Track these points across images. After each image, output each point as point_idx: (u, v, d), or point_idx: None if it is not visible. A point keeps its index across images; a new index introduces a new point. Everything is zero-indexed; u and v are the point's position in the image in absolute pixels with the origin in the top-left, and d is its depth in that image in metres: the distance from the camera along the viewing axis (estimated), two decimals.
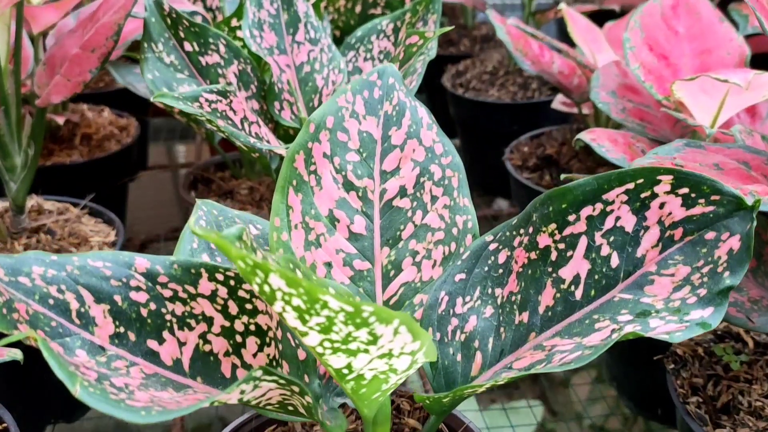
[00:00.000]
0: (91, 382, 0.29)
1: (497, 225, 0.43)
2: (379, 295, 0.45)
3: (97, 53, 0.59)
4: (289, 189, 0.44)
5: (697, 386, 0.54)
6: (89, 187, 0.91)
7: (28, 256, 0.33)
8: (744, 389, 0.52)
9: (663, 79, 0.67)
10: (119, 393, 0.29)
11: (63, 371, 0.28)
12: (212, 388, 0.36)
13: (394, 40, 0.73)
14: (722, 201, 0.36)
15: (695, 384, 0.54)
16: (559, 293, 0.40)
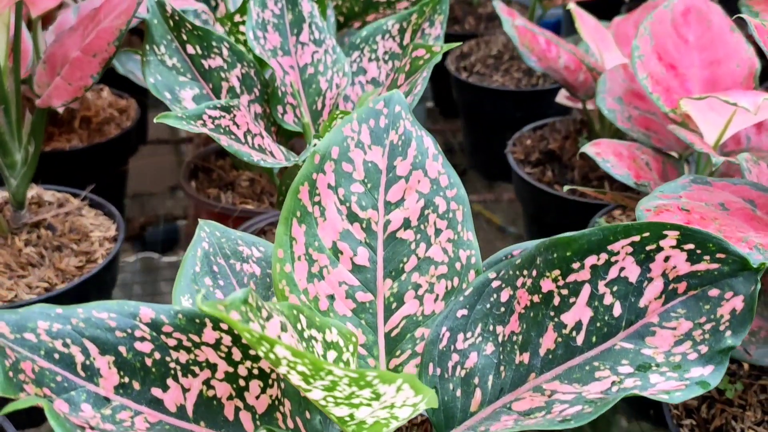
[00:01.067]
0: None
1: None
2: (381, 327, 0.45)
3: (99, 58, 0.58)
4: (293, 220, 0.44)
5: (692, 408, 0.55)
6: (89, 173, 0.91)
7: (33, 311, 0.33)
8: (737, 414, 0.53)
9: (671, 90, 0.67)
10: None
11: None
12: None
13: (400, 40, 0.72)
14: (727, 260, 0.36)
15: (689, 406, 0.55)
16: (561, 337, 0.40)
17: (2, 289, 0.66)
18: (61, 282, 0.68)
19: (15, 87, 0.65)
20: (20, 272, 0.68)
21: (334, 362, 0.40)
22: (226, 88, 0.64)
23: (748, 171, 0.52)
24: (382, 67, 0.72)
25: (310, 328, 0.39)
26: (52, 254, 0.71)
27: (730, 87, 0.67)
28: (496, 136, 1.19)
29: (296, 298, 0.44)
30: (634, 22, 0.88)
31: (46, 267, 0.69)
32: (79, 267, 0.70)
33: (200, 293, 0.31)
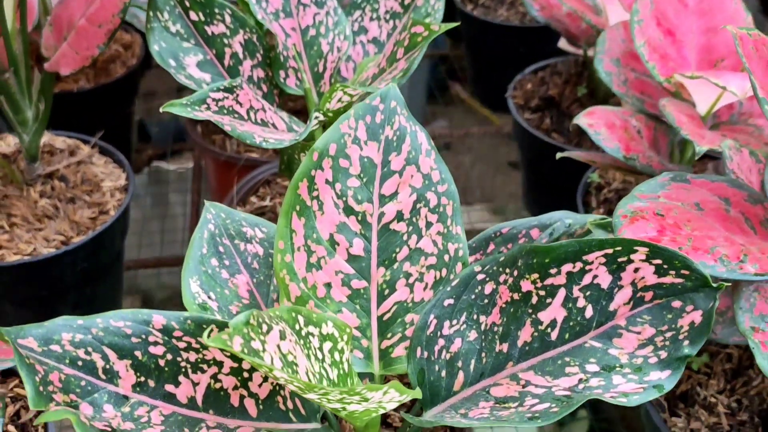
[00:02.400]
0: None
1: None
2: (374, 311, 0.48)
3: (104, 29, 0.59)
4: (293, 214, 0.47)
5: None
6: (97, 115, 0.93)
7: (57, 324, 0.36)
8: (702, 381, 0.58)
9: (667, 57, 0.67)
10: None
11: None
12: (223, 418, 0.41)
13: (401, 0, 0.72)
14: (691, 276, 0.39)
15: None
16: (537, 332, 0.44)
17: (21, 242, 0.70)
18: (76, 234, 0.72)
19: (23, 48, 0.66)
20: (37, 225, 0.72)
21: (330, 351, 0.44)
22: (230, 54, 0.65)
23: (729, 159, 0.54)
24: (383, 27, 0.72)
25: (307, 326, 0.42)
26: (66, 206, 0.74)
27: (725, 56, 0.67)
28: (499, 69, 1.19)
29: (296, 286, 0.47)
30: None
31: (61, 219, 0.73)
32: (92, 218, 0.74)
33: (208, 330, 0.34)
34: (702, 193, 0.48)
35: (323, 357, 0.43)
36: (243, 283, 0.51)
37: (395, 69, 0.60)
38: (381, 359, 0.48)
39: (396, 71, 0.59)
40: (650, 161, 0.64)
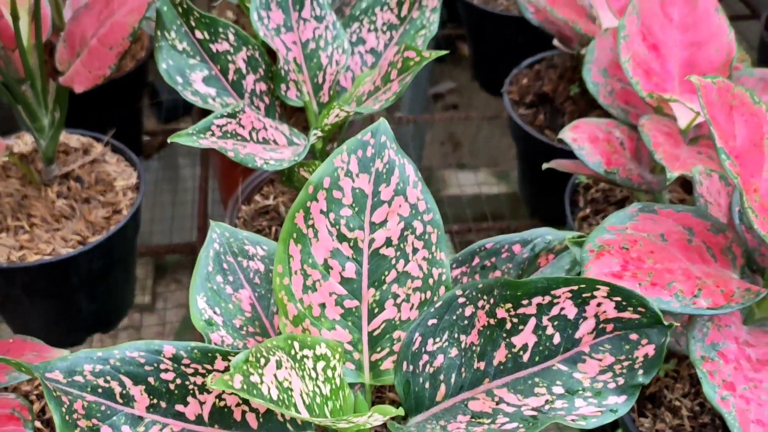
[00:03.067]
0: None
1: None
2: (365, 327, 0.53)
3: (114, 51, 0.63)
4: (290, 241, 0.51)
5: None
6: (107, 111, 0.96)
7: (80, 357, 0.41)
8: (669, 384, 0.62)
9: (651, 72, 0.70)
10: None
11: None
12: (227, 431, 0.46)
13: (398, 12, 0.74)
14: (646, 314, 0.43)
15: None
16: (510, 354, 0.48)
17: (41, 242, 0.74)
18: (91, 234, 0.76)
19: (39, 62, 0.69)
20: (55, 225, 0.76)
21: (323, 369, 0.48)
22: (233, 70, 0.68)
23: (699, 184, 0.58)
24: (381, 38, 0.75)
25: (302, 349, 0.47)
26: (82, 206, 0.78)
27: (706, 71, 0.70)
28: (498, 56, 1.21)
29: (293, 306, 0.52)
30: None
31: (78, 219, 0.77)
32: (106, 218, 0.78)
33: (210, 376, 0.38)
34: (667, 224, 0.51)
35: (317, 375, 0.47)
36: (246, 297, 0.56)
37: (389, 90, 0.63)
38: (371, 370, 0.53)
39: (389, 93, 0.63)
40: (630, 175, 0.67)
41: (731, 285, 0.48)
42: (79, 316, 0.83)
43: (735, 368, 0.45)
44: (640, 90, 0.69)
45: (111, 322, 0.88)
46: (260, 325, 0.55)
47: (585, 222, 0.80)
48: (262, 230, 0.79)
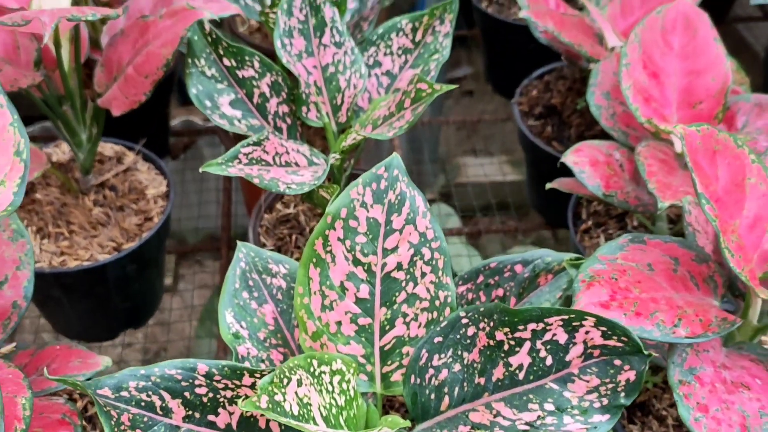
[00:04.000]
0: None
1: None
2: (377, 342, 0.58)
3: (149, 80, 0.67)
4: (310, 265, 0.56)
5: None
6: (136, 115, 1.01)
7: (125, 375, 0.46)
8: (657, 395, 0.67)
9: (650, 99, 0.74)
10: None
11: None
12: None
13: (413, 37, 0.78)
14: (629, 343, 0.48)
15: None
16: (507, 372, 0.53)
17: (80, 248, 0.80)
18: (125, 241, 0.82)
19: (78, 83, 0.74)
20: (92, 232, 0.81)
21: (339, 383, 0.53)
22: (258, 94, 0.73)
23: (688, 213, 0.62)
24: (396, 61, 0.79)
25: (320, 366, 0.52)
26: (117, 214, 0.83)
27: (703, 99, 0.74)
28: (509, 62, 1.25)
29: (312, 323, 0.57)
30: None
31: (113, 226, 0.82)
32: (138, 225, 0.83)
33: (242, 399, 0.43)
34: (655, 254, 0.56)
35: (333, 388, 0.52)
36: (269, 311, 0.61)
37: (402, 118, 0.67)
38: (382, 381, 0.58)
39: (402, 121, 0.67)
40: (627, 197, 0.71)
41: (710, 314, 0.52)
42: (113, 314, 0.89)
43: (710, 391, 0.50)
44: (639, 116, 0.72)
45: (141, 319, 0.94)
46: (282, 337, 0.60)
47: (587, 234, 0.85)
48: (283, 238, 0.84)
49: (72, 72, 0.73)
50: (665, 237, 0.57)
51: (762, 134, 0.76)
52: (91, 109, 0.78)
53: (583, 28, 0.89)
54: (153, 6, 0.74)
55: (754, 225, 0.53)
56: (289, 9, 0.73)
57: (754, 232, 0.53)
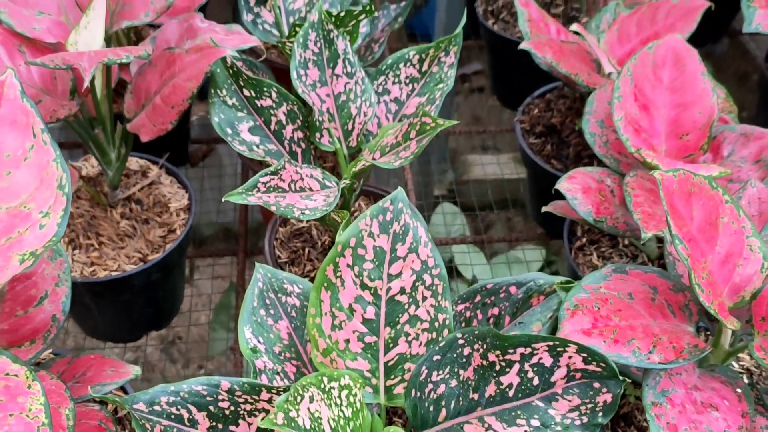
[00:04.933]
0: None
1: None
2: (381, 359, 0.63)
3: (176, 110, 0.72)
4: (322, 289, 0.61)
5: None
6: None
7: (157, 391, 0.52)
8: (639, 407, 0.72)
9: (640, 129, 0.78)
10: None
11: None
12: None
13: (419, 68, 0.83)
14: (606, 368, 0.53)
15: None
16: (499, 389, 0.58)
17: (108, 259, 0.85)
18: (150, 252, 0.87)
19: (109, 109, 0.80)
20: (120, 243, 0.87)
21: (346, 396, 0.58)
22: (275, 121, 0.78)
23: (669, 242, 0.66)
24: (404, 89, 0.84)
25: (330, 382, 0.57)
26: (142, 227, 0.89)
27: (689, 131, 0.78)
28: (514, 77, 1.29)
29: (323, 341, 0.62)
30: (637, 20, 0.96)
31: (138, 238, 0.88)
32: (162, 237, 0.89)
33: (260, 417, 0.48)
34: (635, 284, 0.60)
35: (341, 402, 0.58)
36: (284, 327, 0.66)
37: (408, 148, 0.72)
38: (386, 393, 0.63)
39: (408, 152, 0.72)
40: (616, 223, 0.76)
41: (683, 341, 0.57)
42: (137, 318, 0.94)
43: (680, 411, 0.55)
44: (629, 146, 0.77)
45: (163, 322, 1.00)
46: (295, 351, 0.66)
47: (581, 251, 0.89)
48: (296, 251, 0.89)
49: (104, 98, 0.78)
50: (645, 267, 0.61)
51: (746, 163, 0.81)
52: (120, 131, 0.83)
53: (581, 56, 0.93)
54: (179, 37, 0.78)
55: (726, 260, 0.58)
56: (304, 42, 0.78)
57: (725, 266, 0.58)
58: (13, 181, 0.56)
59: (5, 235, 0.55)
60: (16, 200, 0.56)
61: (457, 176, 1.86)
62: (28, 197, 0.56)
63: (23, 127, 0.57)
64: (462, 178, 1.83)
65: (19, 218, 0.56)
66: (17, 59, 0.70)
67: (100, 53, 0.60)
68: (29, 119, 0.57)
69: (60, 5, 0.73)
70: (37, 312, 0.65)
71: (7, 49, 0.70)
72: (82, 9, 0.73)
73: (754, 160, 0.80)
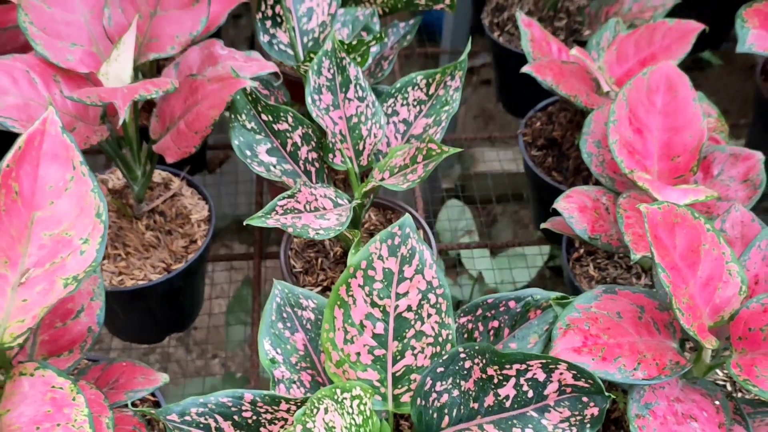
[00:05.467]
0: None
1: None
2: (389, 369, 0.68)
3: (199, 135, 0.77)
4: (335, 306, 0.66)
5: None
6: None
7: (188, 403, 0.57)
8: None
9: (634, 151, 0.83)
10: None
11: None
12: None
13: (426, 91, 0.88)
14: (594, 384, 0.58)
15: None
16: (496, 400, 0.63)
17: (134, 268, 0.91)
18: (173, 262, 0.92)
19: (135, 129, 0.85)
20: (145, 254, 0.92)
21: (357, 406, 0.64)
22: (291, 143, 0.83)
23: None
24: (411, 111, 0.89)
25: (343, 393, 0.62)
26: (166, 237, 0.94)
27: (680, 154, 0.82)
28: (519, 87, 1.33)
29: (336, 354, 0.67)
30: (634, 41, 1.00)
31: (162, 248, 0.93)
32: (184, 247, 0.94)
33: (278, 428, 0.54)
34: (624, 303, 0.65)
35: (353, 410, 0.63)
36: (300, 339, 0.71)
37: (414, 172, 0.77)
38: (393, 401, 0.69)
39: (414, 175, 0.77)
40: (610, 240, 0.80)
41: (666, 357, 0.62)
42: (161, 322, 1.00)
43: (661, 423, 0.60)
44: (623, 168, 0.82)
45: (185, 324, 1.05)
46: (310, 361, 0.71)
47: (578, 263, 0.94)
48: (310, 261, 0.94)
49: (131, 121, 0.83)
50: (634, 288, 0.66)
51: (734, 182, 0.85)
52: (146, 150, 0.88)
53: (581, 75, 0.98)
54: (200, 64, 0.83)
55: (707, 284, 0.63)
56: (318, 69, 0.82)
57: (707, 289, 0.63)
58: (55, 210, 0.62)
59: (50, 259, 0.60)
60: (59, 227, 0.62)
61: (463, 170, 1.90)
62: (69, 225, 0.62)
63: (64, 160, 0.62)
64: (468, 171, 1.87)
65: (62, 244, 0.61)
66: (53, 88, 0.75)
67: (133, 90, 0.65)
68: (69, 153, 0.62)
69: (90, 37, 0.78)
70: (75, 324, 0.70)
71: (43, 79, 0.75)
72: (111, 40, 0.78)
73: (741, 180, 0.84)
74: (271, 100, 0.96)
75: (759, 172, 0.84)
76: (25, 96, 0.72)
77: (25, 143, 0.61)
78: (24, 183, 0.61)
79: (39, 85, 0.74)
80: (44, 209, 0.62)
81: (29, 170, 0.61)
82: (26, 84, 0.73)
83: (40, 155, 0.62)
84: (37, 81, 0.75)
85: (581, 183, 1.05)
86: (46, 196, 0.62)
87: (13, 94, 0.71)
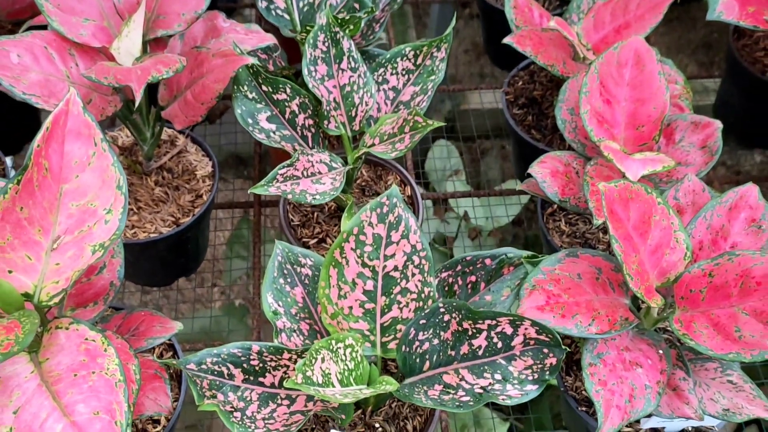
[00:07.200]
0: (237, 423, 0.64)
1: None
2: (378, 321, 0.76)
3: (204, 106, 0.83)
4: (330, 266, 0.74)
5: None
6: None
7: (204, 354, 0.65)
8: None
9: (603, 120, 0.89)
10: (251, 425, 0.64)
11: (228, 423, 0.63)
12: (291, 391, 0.71)
13: (414, 61, 0.93)
14: (553, 339, 0.66)
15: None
16: (471, 349, 0.72)
17: (146, 222, 0.98)
18: (182, 215, 0.99)
19: (145, 98, 0.90)
20: (155, 208, 0.99)
21: (350, 353, 0.72)
22: (289, 111, 0.89)
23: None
24: (400, 79, 0.94)
25: (337, 343, 0.70)
26: (174, 193, 1.01)
27: (645, 123, 0.89)
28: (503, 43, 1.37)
29: (331, 307, 0.75)
30: (611, 9, 1.04)
31: (171, 203, 1.00)
32: (191, 202, 1.01)
33: (286, 379, 0.62)
34: (584, 265, 0.73)
35: (346, 357, 0.71)
36: (299, 293, 0.79)
37: (402, 141, 0.83)
38: (381, 348, 0.77)
39: (402, 145, 0.83)
40: (578, 202, 0.88)
41: (618, 314, 0.70)
42: (170, 268, 1.08)
43: (610, 370, 0.69)
44: (593, 136, 0.88)
45: (191, 269, 1.13)
46: (308, 312, 0.79)
47: (551, 217, 1.02)
48: (307, 214, 1.01)
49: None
50: (594, 251, 0.74)
51: (694, 147, 0.92)
52: (155, 113, 0.93)
53: (559, 42, 1.03)
54: (204, 35, 0.88)
55: (655, 250, 0.70)
56: (314, 42, 0.87)
57: (655, 255, 0.70)
58: (80, 183, 0.68)
59: (78, 227, 0.67)
60: (84, 198, 0.68)
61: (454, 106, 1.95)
62: (93, 196, 0.68)
63: (86, 137, 0.68)
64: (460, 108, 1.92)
65: (88, 214, 0.68)
66: (69, 62, 0.80)
67: (146, 71, 0.71)
68: (91, 131, 0.68)
69: (101, 12, 0.82)
70: (98, 279, 0.77)
71: (60, 54, 0.79)
72: (121, 15, 0.82)
73: (700, 146, 0.91)
74: (270, 65, 1.01)
75: (716, 139, 0.90)
76: (45, 72, 0.77)
77: (51, 124, 0.67)
78: (53, 159, 0.67)
79: (56, 60, 0.79)
80: (71, 182, 0.68)
81: (56, 148, 0.67)
82: (45, 60, 0.78)
83: (65, 133, 0.67)
84: (55, 56, 0.79)
85: (559, 141, 1.11)
86: (72, 171, 0.68)
87: (34, 71, 0.76)
